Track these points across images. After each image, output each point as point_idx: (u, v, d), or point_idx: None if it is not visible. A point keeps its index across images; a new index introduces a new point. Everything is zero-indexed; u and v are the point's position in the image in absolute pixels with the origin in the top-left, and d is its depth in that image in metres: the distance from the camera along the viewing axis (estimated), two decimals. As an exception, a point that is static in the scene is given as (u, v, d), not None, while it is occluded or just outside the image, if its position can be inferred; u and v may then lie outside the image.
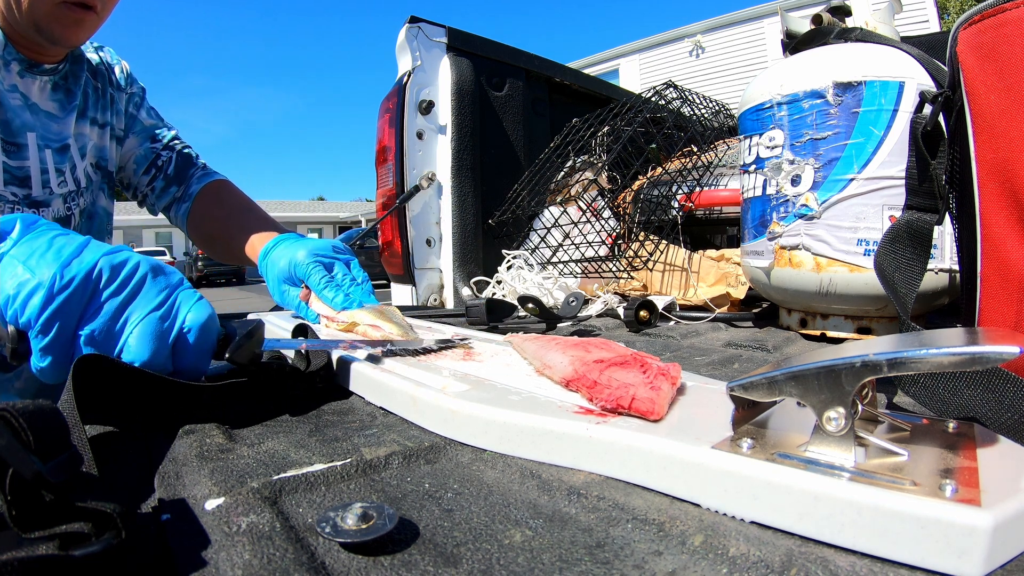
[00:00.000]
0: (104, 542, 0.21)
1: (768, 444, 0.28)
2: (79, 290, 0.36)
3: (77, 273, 0.36)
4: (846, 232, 0.70)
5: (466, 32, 1.41)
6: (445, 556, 0.24)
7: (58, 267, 0.36)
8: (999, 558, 0.21)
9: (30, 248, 0.37)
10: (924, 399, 0.40)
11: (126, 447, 0.37)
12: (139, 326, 0.38)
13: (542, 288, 1.15)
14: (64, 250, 0.37)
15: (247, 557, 0.22)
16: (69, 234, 0.39)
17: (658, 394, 0.33)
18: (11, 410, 0.23)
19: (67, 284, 0.36)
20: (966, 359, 0.23)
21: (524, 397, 0.38)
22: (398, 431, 0.39)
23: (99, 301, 0.37)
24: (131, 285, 0.39)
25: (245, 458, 0.33)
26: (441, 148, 1.38)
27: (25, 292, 0.36)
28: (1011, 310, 0.41)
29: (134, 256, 0.39)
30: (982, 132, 0.43)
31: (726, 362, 0.63)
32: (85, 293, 0.37)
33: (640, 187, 1.31)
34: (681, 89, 1.33)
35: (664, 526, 0.26)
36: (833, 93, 0.69)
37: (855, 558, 0.23)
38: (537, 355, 0.45)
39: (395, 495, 0.29)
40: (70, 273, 0.36)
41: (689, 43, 6.33)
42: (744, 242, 0.84)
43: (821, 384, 0.26)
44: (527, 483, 0.31)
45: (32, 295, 0.36)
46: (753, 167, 0.80)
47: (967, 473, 0.25)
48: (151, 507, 0.29)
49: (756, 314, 0.96)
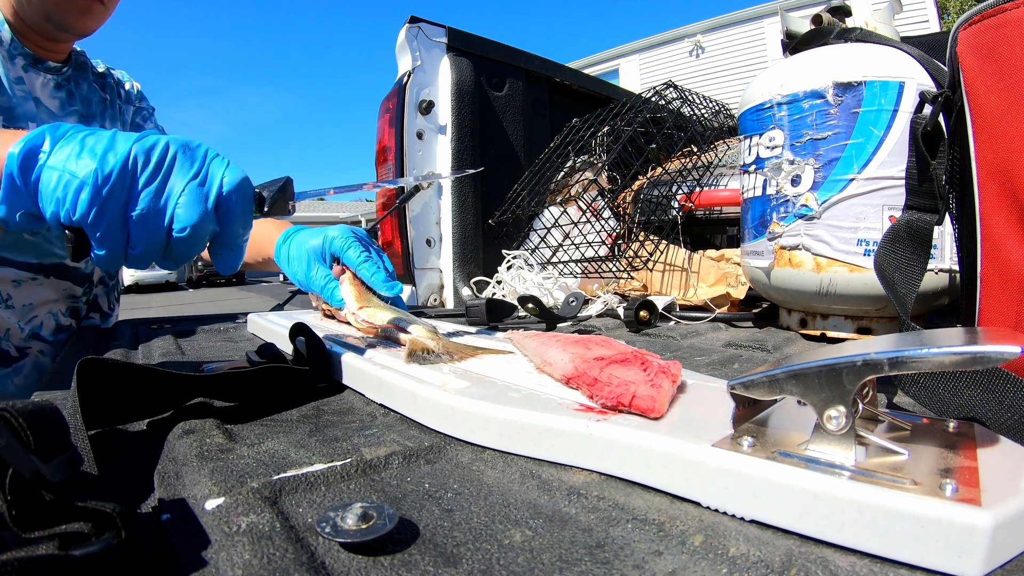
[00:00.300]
0: (104, 542, 0.21)
1: (768, 442, 0.28)
2: (119, 179, 0.39)
3: (115, 165, 0.38)
4: (846, 232, 0.70)
5: (466, 32, 1.41)
6: (445, 556, 0.24)
7: (97, 162, 0.38)
8: (999, 558, 0.21)
9: (65, 153, 0.39)
10: (924, 399, 0.40)
11: (126, 447, 0.37)
12: (183, 196, 0.40)
13: (542, 288, 1.15)
14: (97, 147, 0.39)
15: (247, 557, 0.22)
16: (96, 132, 0.41)
17: (659, 392, 0.33)
18: (11, 410, 0.23)
19: (108, 176, 0.38)
20: (967, 359, 0.23)
21: (524, 394, 0.38)
22: (398, 431, 0.39)
23: (140, 184, 0.40)
24: (166, 163, 0.41)
25: (245, 458, 0.33)
26: (441, 148, 1.38)
27: (71, 192, 0.38)
28: (1011, 310, 0.41)
29: (162, 138, 0.41)
30: (982, 132, 0.42)
31: (726, 362, 0.63)
32: (125, 180, 0.39)
33: (640, 187, 1.31)
34: (681, 89, 1.33)
35: (664, 526, 0.26)
36: (833, 93, 0.69)
37: (855, 558, 0.23)
38: (537, 352, 0.45)
39: (395, 495, 0.29)
40: (108, 166, 0.38)
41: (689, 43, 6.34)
42: (744, 242, 0.84)
43: (822, 383, 0.26)
44: (527, 483, 0.31)
45: (79, 193, 0.38)
46: (753, 167, 0.80)
47: (967, 473, 0.25)
48: (151, 507, 0.29)
49: (756, 314, 0.96)
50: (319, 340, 0.50)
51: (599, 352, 0.40)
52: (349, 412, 0.43)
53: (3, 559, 0.19)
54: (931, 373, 0.39)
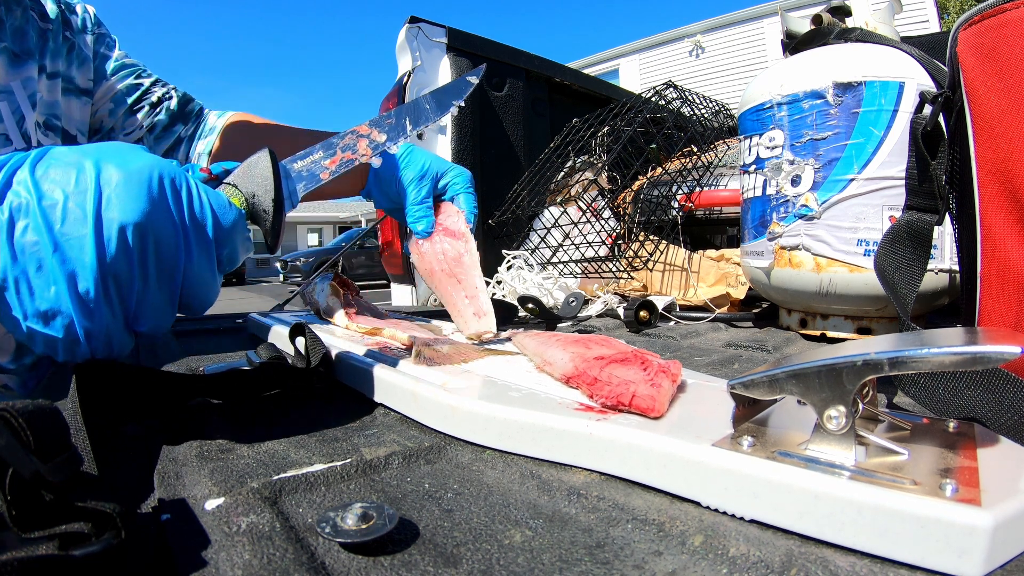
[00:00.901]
0: (104, 542, 0.21)
1: (768, 442, 0.28)
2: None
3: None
4: (846, 232, 0.70)
5: (466, 32, 1.41)
6: (445, 556, 0.24)
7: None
8: (999, 558, 0.21)
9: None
10: (924, 399, 0.40)
11: (126, 447, 0.37)
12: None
13: (542, 288, 1.15)
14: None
15: (247, 557, 0.22)
16: None
17: (659, 391, 0.33)
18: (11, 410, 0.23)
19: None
20: (967, 359, 0.23)
21: (524, 394, 0.38)
22: (398, 431, 0.39)
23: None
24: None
25: (245, 458, 0.33)
26: (441, 148, 1.38)
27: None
28: (1011, 310, 0.41)
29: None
30: (982, 132, 0.42)
31: (726, 362, 0.63)
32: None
33: (640, 187, 1.31)
34: (681, 89, 1.33)
35: (664, 526, 0.26)
36: (833, 93, 0.69)
37: (855, 558, 0.23)
38: (537, 352, 0.45)
39: (395, 495, 0.29)
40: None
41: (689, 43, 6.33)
42: (744, 242, 0.84)
43: (822, 382, 0.26)
44: (527, 483, 0.31)
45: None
46: (753, 167, 0.80)
47: (967, 473, 0.25)
48: (151, 507, 0.29)
49: (756, 314, 0.96)
50: (319, 340, 0.50)
51: (599, 352, 0.40)
52: (349, 412, 0.43)
53: (3, 559, 0.19)
54: (931, 373, 0.39)
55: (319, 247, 17.25)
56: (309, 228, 22.22)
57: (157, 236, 0.33)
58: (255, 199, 0.38)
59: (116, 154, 0.33)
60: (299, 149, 0.46)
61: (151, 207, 0.32)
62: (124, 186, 0.32)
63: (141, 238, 0.32)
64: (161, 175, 0.33)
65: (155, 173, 0.33)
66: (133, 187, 0.32)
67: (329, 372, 0.50)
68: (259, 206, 0.38)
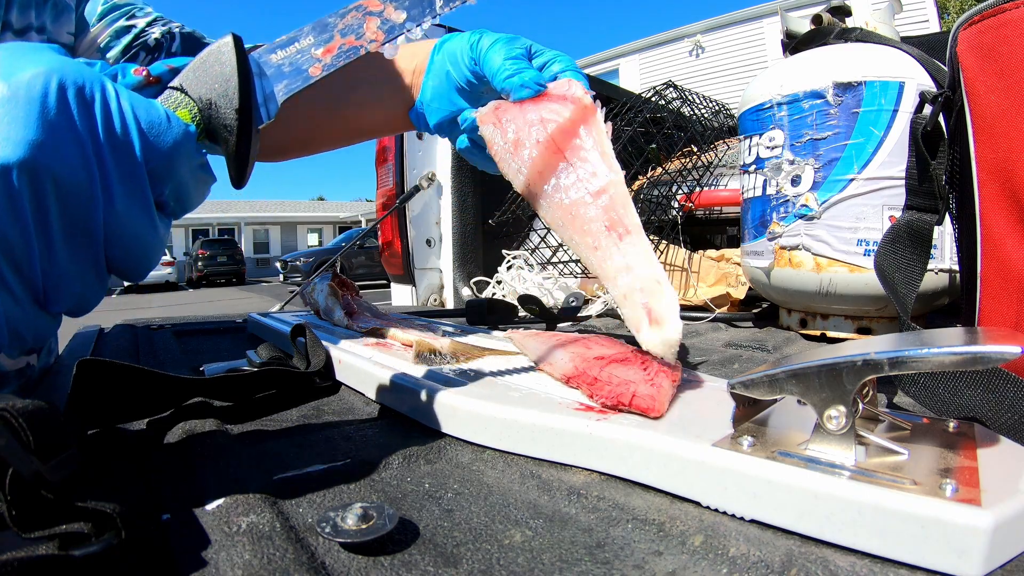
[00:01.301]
0: (104, 542, 0.21)
1: (768, 442, 0.28)
2: None
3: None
4: (846, 232, 0.70)
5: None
6: (445, 556, 0.24)
7: None
8: (999, 558, 0.21)
9: None
10: (924, 399, 0.40)
11: (126, 447, 0.37)
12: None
13: (542, 288, 1.15)
14: None
15: (247, 557, 0.22)
16: None
17: (659, 391, 0.33)
18: (11, 410, 0.23)
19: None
20: (967, 359, 0.23)
21: (524, 394, 0.38)
22: (398, 431, 0.39)
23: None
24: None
25: (245, 458, 0.33)
26: (441, 148, 1.38)
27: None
28: (1011, 310, 0.41)
29: None
30: (982, 132, 0.42)
31: (726, 362, 0.63)
32: None
33: (640, 187, 1.31)
34: (681, 89, 1.33)
35: (664, 526, 0.26)
36: (833, 93, 0.69)
37: (855, 558, 0.23)
38: (537, 351, 0.45)
39: (395, 495, 0.29)
40: None
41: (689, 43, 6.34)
42: (744, 242, 0.84)
43: (822, 382, 0.26)
44: (527, 483, 0.31)
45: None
46: (753, 167, 0.80)
47: (967, 473, 0.25)
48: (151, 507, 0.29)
49: (756, 314, 0.96)
50: (319, 340, 0.50)
51: (599, 351, 0.40)
52: (349, 412, 0.43)
53: (3, 559, 0.19)
54: (931, 373, 0.39)
55: (319, 247, 17.27)
56: (309, 228, 22.22)
57: (57, 176, 0.24)
58: (212, 109, 0.27)
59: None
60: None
61: (45, 135, 0.23)
62: (3, 107, 0.23)
63: (33, 181, 0.23)
64: (62, 84, 0.24)
65: (52, 83, 0.23)
66: (17, 107, 0.23)
67: (329, 372, 0.50)
68: (218, 118, 0.27)
